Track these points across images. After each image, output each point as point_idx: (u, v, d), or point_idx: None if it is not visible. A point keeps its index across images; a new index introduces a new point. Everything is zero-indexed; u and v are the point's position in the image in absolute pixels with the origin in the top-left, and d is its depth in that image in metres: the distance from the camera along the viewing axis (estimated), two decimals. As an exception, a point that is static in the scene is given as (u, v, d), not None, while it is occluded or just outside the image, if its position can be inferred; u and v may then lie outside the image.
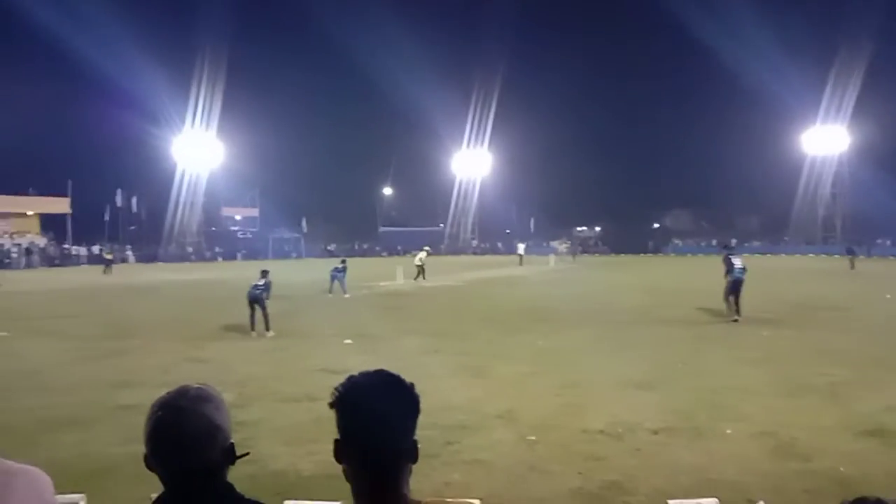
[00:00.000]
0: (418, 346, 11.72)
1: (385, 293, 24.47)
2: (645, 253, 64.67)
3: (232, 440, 1.49)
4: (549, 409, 7.49)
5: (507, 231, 74.97)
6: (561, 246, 61.15)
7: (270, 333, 13.54)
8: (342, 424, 1.39)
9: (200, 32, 60.90)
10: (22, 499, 2.17)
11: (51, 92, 60.66)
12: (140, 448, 4.95)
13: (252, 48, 68.50)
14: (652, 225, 78.12)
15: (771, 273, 32.07)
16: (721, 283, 15.56)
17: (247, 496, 1.50)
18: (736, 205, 70.80)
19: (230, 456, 1.48)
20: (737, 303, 14.98)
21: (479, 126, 73.20)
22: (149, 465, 1.45)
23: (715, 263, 17.19)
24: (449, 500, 1.43)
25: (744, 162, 62.80)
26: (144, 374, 9.62)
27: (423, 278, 28.13)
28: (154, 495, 1.48)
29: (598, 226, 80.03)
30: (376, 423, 1.36)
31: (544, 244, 63.45)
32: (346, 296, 22.03)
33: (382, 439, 1.37)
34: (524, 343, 12.34)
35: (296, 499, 4.16)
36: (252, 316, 13.92)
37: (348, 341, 12.47)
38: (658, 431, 6.56)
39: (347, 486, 1.39)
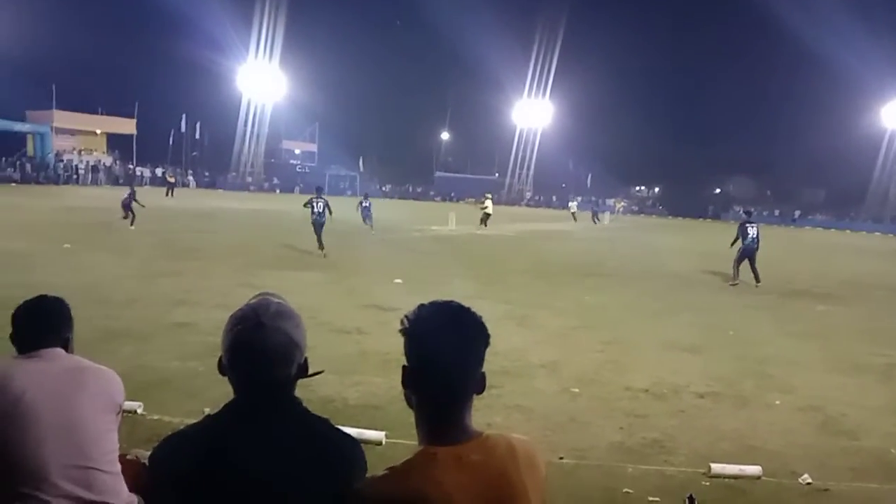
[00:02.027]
0: (465, 291, 11.77)
1: (436, 237, 24.58)
2: (704, 218, 63.16)
3: (306, 356, 1.53)
4: (593, 364, 7.49)
5: (563, 185, 73.95)
6: (618, 204, 59.98)
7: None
8: (414, 352, 1.41)
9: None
10: (92, 395, 2.30)
11: (123, 14, 61.65)
12: (194, 364, 5.20)
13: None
14: (713, 190, 75.95)
15: (833, 248, 31.07)
16: (789, 254, 15.18)
17: None
18: (802, 176, 68.02)
19: (303, 372, 1.52)
20: (753, 270, 15.01)
21: (541, 75, 71.57)
22: (222, 371, 1.50)
23: (775, 234, 16.72)
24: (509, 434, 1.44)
25: (814, 133, 59.97)
26: (200, 295, 9.94)
27: (486, 226, 28.08)
28: (207, 410, 1.54)
29: (657, 186, 78.19)
30: (450, 351, 1.38)
31: (599, 201, 62.51)
32: (373, 232, 22.34)
33: (455, 367, 1.39)
34: (571, 297, 12.30)
35: (341, 425, 4.31)
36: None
37: (398, 281, 12.62)
38: (703, 395, 6.51)
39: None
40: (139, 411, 5.01)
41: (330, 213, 16.95)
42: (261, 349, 1.43)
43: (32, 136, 54.33)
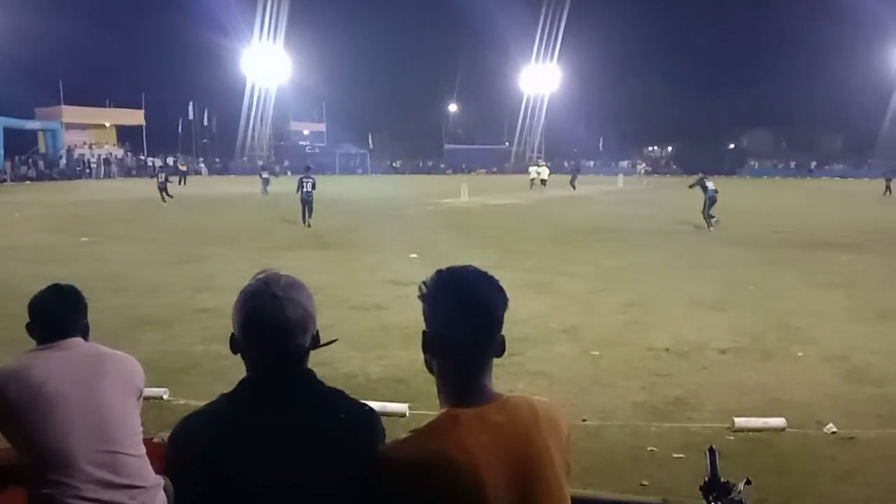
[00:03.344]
0: (483, 262, 11.49)
1: (449, 210, 24.54)
2: (719, 174, 62.46)
3: (318, 327, 1.54)
4: (613, 327, 7.49)
5: (575, 150, 73.32)
6: (639, 167, 59.35)
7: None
8: (433, 316, 1.42)
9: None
10: (114, 381, 2.33)
11: (123, 4, 61.51)
12: (218, 347, 5.20)
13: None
14: (728, 145, 74.92)
15: (852, 197, 30.67)
16: (801, 206, 15.01)
17: None
18: (818, 124, 66.87)
19: (316, 342, 1.52)
20: (710, 215, 17.40)
21: (548, 40, 70.40)
22: (235, 348, 1.49)
23: (792, 186, 16.56)
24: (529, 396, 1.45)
25: (829, 80, 58.82)
26: (222, 280, 10.01)
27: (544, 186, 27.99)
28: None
29: (671, 146, 77.24)
30: (468, 313, 1.38)
31: (612, 164, 61.96)
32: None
33: (474, 330, 1.39)
34: (590, 261, 12.26)
35: (365, 399, 4.35)
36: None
37: (413, 255, 12.63)
38: (725, 351, 6.50)
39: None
40: (165, 397, 5.09)
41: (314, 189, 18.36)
42: (276, 321, 1.43)
43: (43, 132, 54.77)
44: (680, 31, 73.45)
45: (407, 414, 4.68)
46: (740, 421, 4.60)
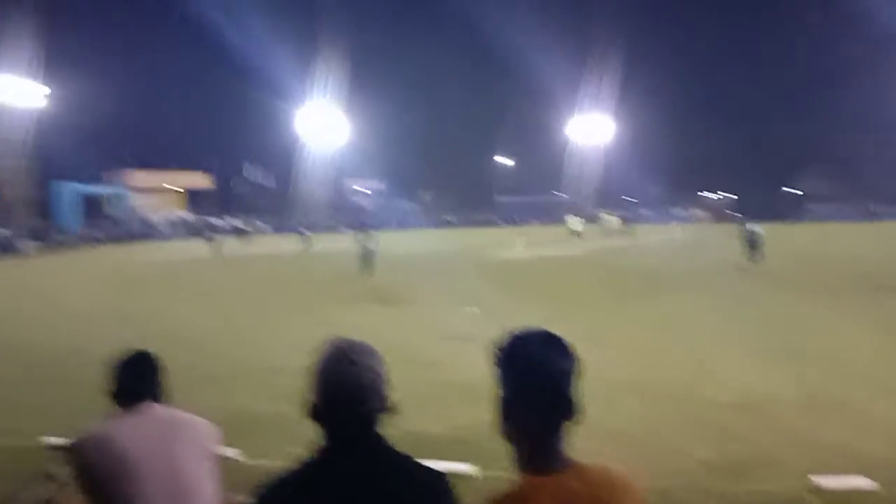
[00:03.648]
0: (539, 315, 11.69)
1: (504, 262, 24.52)
2: (780, 220, 60.93)
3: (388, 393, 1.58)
4: (677, 379, 7.32)
5: (631, 199, 72.68)
6: (701, 213, 58.49)
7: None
8: (507, 381, 1.43)
9: (323, 15, 62.95)
10: (189, 446, 2.41)
11: (190, 73, 64.79)
12: (284, 406, 5.27)
13: (372, 22, 69.80)
14: (786, 189, 73.20)
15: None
16: (872, 250, 14.50)
17: None
18: (879, 167, 64.77)
19: (387, 407, 1.58)
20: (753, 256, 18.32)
21: (599, 89, 70.89)
22: (312, 414, 1.54)
23: (853, 231, 16.01)
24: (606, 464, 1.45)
25: (887, 119, 57.28)
26: (283, 338, 10.22)
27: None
28: (300, 451, 1.59)
29: (728, 192, 75.89)
30: (544, 379, 1.40)
31: (668, 211, 61.14)
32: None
33: (550, 395, 1.40)
34: (649, 312, 12.06)
35: (428, 460, 4.33)
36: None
37: (470, 309, 12.64)
38: (795, 404, 6.26)
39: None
40: (235, 457, 5.17)
41: (376, 246, 19.36)
42: (352, 387, 1.50)
43: (113, 197, 57.48)
44: (734, 78, 72.95)
45: (478, 476, 4.63)
46: (821, 481, 4.40)
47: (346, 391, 1.50)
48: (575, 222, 28.49)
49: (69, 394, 7.16)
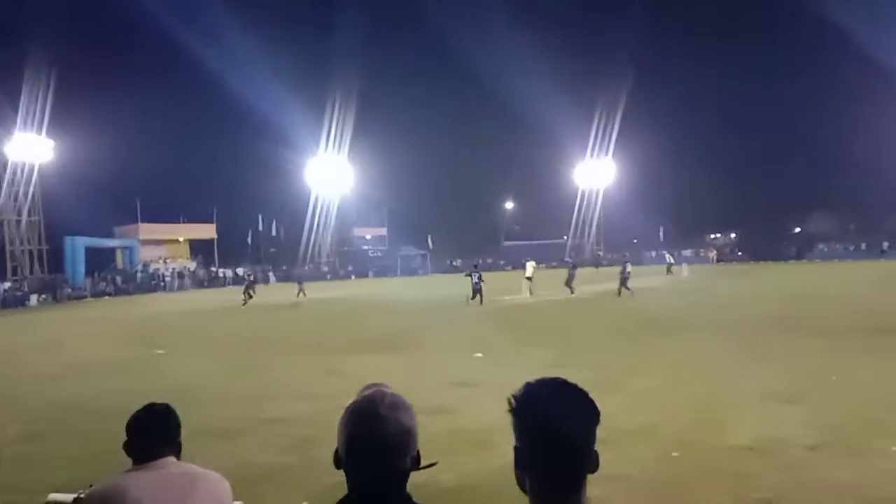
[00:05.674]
0: (547, 360, 11.62)
1: (511, 306, 24.45)
2: (786, 260, 60.77)
3: (419, 448, 1.54)
4: (689, 424, 7.21)
5: (635, 241, 72.76)
6: (710, 253, 58.45)
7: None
8: (525, 431, 1.39)
9: (332, 64, 64.38)
10: (204, 499, 2.38)
11: (197, 125, 65.93)
12: (289, 458, 5.27)
13: (378, 71, 71.12)
14: (793, 229, 73.20)
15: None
16: (868, 290, 14.40)
17: None
18: (887, 204, 64.77)
19: (417, 463, 1.53)
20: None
21: (603, 134, 71.68)
22: (339, 464, 1.50)
23: (859, 269, 15.92)
24: None
25: (894, 156, 57.52)
26: (289, 388, 10.15)
27: (530, 293, 27.86)
28: (306, 503, 1.56)
29: (734, 232, 75.97)
30: (562, 429, 1.35)
31: (664, 253, 61.18)
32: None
33: (568, 446, 1.36)
34: (657, 355, 11.95)
35: (438, 509, 4.25)
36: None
37: (478, 355, 12.56)
38: (809, 448, 6.15)
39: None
40: (241, 510, 5.09)
41: (483, 280, 24.60)
42: (378, 440, 1.44)
43: (121, 249, 57.97)
44: (737, 117, 73.73)
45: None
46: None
47: (368, 443, 1.45)
48: (530, 268, 28.37)
49: (73, 447, 7.11)
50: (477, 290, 24.69)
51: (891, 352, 11.29)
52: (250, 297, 30.84)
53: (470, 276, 25.57)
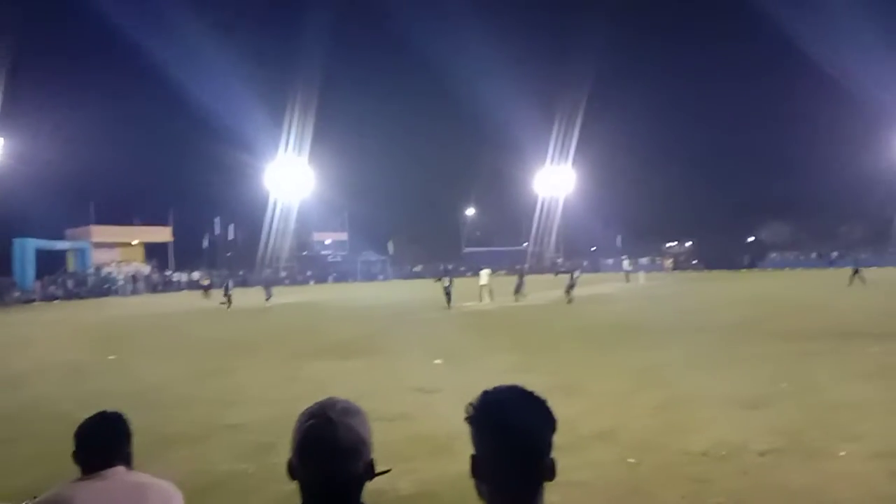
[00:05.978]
0: (508, 365, 11.65)
1: (471, 312, 24.48)
2: (741, 268, 62.14)
3: (373, 456, 1.52)
4: (649, 429, 7.28)
5: (593, 248, 73.72)
6: (667, 262, 59.40)
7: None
8: (483, 441, 1.37)
9: (293, 67, 63.83)
10: None
11: (153, 126, 64.73)
12: (245, 466, 5.16)
13: (339, 75, 70.90)
14: (747, 238, 74.96)
15: (876, 285, 30.28)
16: (832, 296, 14.79)
17: None
18: (837, 214, 66.80)
19: (370, 471, 1.50)
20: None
21: (562, 142, 72.50)
22: (292, 474, 1.47)
23: (815, 277, 16.37)
24: None
25: (844, 168, 59.38)
26: (248, 393, 9.96)
27: (490, 299, 28.01)
28: None
29: (689, 241, 77.52)
30: (519, 437, 1.34)
31: (623, 259, 62.10)
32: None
33: (525, 454, 1.35)
34: (618, 360, 12.07)
35: (397, 516, 4.20)
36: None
37: (438, 361, 12.53)
38: (766, 452, 6.25)
39: None
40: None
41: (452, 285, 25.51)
42: (330, 445, 1.43)
43: (73, 252, 56.32)
44: (692, 127, 75.44)
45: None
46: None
47: (317, 449, 1.43)
48: (485, 275, 28.62)
49: (25, 454, 6.86)
50: (448, 295, 25.48)
51: (849, 357, 11.57)
52: (229, 300, 30.75)
53: (440, 280, 26.42)
